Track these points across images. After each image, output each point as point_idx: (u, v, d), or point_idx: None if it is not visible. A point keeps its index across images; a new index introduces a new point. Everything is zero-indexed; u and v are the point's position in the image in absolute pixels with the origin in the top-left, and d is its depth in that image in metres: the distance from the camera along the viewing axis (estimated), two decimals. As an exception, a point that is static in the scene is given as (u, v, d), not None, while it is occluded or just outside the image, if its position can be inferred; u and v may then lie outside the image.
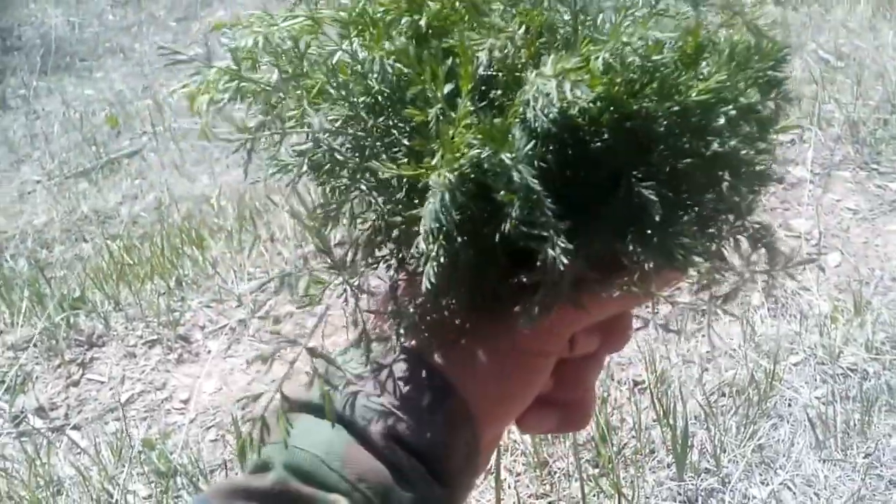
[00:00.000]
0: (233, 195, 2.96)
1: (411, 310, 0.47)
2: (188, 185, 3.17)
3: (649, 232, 0.43)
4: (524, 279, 0.43)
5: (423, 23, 0.44)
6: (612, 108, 0.42)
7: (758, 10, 0.43)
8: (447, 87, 0.41)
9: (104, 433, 2.01)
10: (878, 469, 1.65)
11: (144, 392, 2.15)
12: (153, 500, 1.80)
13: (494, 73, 0.43)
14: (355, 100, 0.44)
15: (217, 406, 2.04)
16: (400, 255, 0.48)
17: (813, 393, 1.82)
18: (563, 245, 0.39)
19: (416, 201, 0.42)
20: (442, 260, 0.41)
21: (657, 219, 0.42)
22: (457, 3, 0.44)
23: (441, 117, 0.41)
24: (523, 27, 0.43)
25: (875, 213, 2.39)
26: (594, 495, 1.63)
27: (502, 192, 0.39)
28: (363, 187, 0.45)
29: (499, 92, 0.43)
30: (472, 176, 0.40)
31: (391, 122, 0.45)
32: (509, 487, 1.68)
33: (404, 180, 0.44)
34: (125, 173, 3.42)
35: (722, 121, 0.43)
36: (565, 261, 0.39)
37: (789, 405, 1.81)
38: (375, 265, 0.49)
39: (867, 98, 2.82)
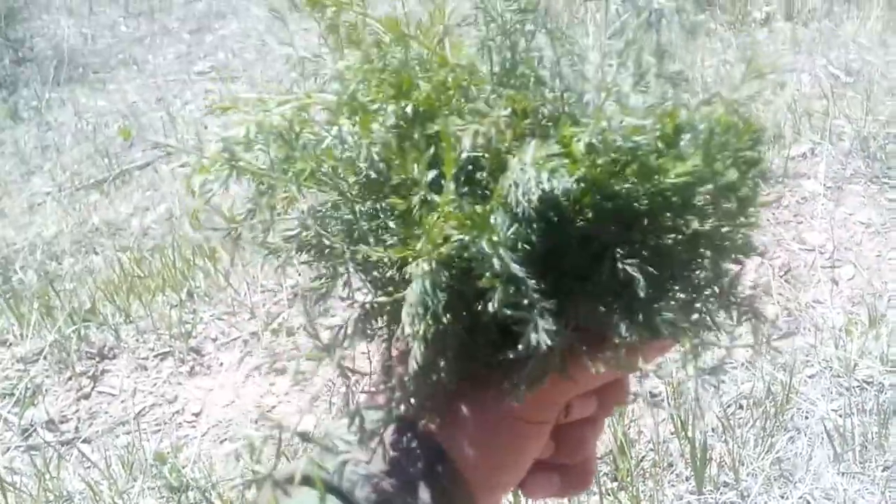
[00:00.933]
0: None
1: (405, 382, 0.47)
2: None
3: (635, 307, 0.44)
4: (511, 355, 0.44)
5: (409, 109, 0.45)
6: (594, 189, 0.43)
7: (734, 91, 0.44)
8: (432, 173, 0.42)
9: (115, 447, 2.01)
10: (898, 482, 1.64)
11: (156, 405, 2.15)
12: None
13: (481, 155, 0.44)
14: (344, 184, 0.45)
15: (230, 419, 2.03)
16: (392, 330, 0.49)
17: (829, 405, 1.81)
18: (546, 326, 0.40)
19: (408, 277, 0.43)
20: (429, 339, 0.42)
21: (642, 294, 0.43)
22: (448, 82, 0.45)
23: (424, 203, 0.42)
24: (508, 109, 0.44)
25: (887, 226, 2.38)
26: (612, 510, 1.62)
27: (486, 276, 0.40)
28: (352, 269, 0.46)
29: (485, 174, 0.44)
30: (457, 260, 0.41)
31: (379, 206, 0.46)
32: (527, 501, 1.66)
33: (394, 260, 0.44)
34: (137, 185, 3.43)
35: (701, 200, 0.44)
36: (549, 342, 0.40)
37: (806, 418, 1.80)
38: (369, 340, 0.49)
39: (877, 113, 2.82)
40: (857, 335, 1.98)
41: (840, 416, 1.78)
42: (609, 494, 1.63)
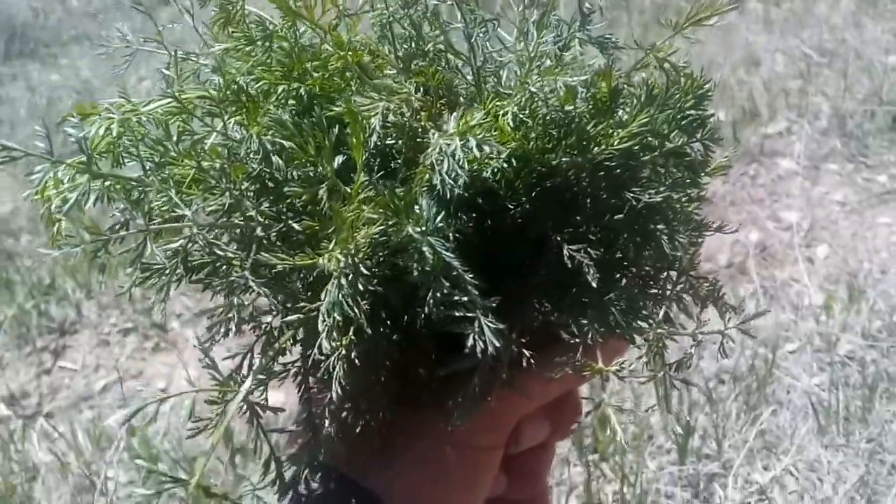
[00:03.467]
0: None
1: (327, 419, 0.41)
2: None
3: (586, 300, 0.39)
4: (454, 367, 0.38)
5: (303, 91, 0.39)
6: (528, 168, 0.38)
7: (669, 47, 0.40)
8: (338, 159, 0.36)
9: (79, 421, 1.92)
10: (881, 454, 1.63)
11: (121, 380, 2.06)
12: (135, 486, 1.71)
13: (393, 142, 0.38)
14: (233, 186, 0.38)
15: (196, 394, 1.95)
16: (309, 358, 0.42)
17: (812, 380, 1.81)
18: (492, 326, 0.34)
19: (318, 277, 0.37)
20: (353, 357, 0.37)
21: (593, 284, 0.38)
22: (347, 70, 0.39)
23: (334, 191, 0.36)
24: (420, 88, 0.39)
25: (863, 205, 2.39)
26: (596, 481, 1.59)
27: (415, 273, 0.34)
28: (253, 285, 0.39)
29: (399, 162, 0.38)
30: (380, 256, 0.35)
31: (280, 207, 0.39)
32: None
33: (302, 272, 0.38)
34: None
35: (648, 169, 0.40)
36: (497, 343, 0.34)
37: (788, 392, 1.79)
38: (283, 373, 0.43)
39: (854, 92, 2.83)
40: (837, 311, 1.98)
41: (822, 390, 1.77)
42: (591, 466, 1.60)
